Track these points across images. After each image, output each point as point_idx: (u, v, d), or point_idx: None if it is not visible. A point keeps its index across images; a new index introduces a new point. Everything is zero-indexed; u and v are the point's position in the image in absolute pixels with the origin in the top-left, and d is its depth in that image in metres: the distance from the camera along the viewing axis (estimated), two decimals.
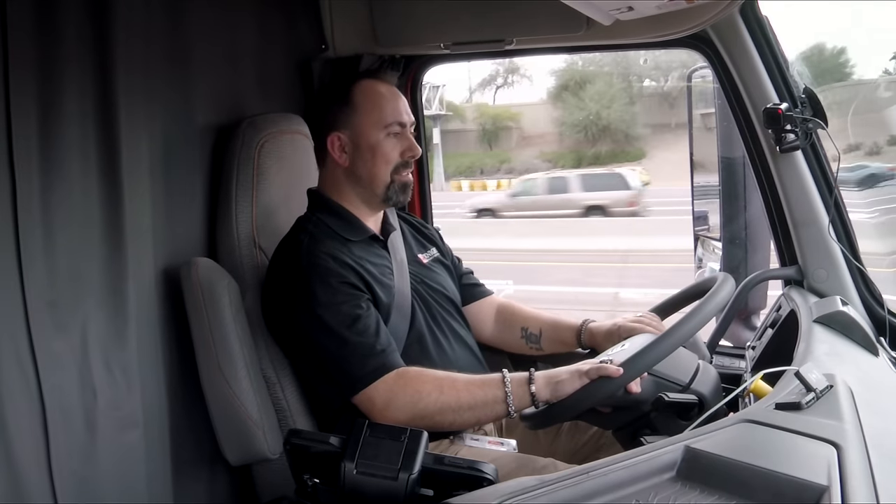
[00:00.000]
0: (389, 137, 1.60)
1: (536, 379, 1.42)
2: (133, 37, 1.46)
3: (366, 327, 1.47)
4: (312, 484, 1.13)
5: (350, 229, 1.61)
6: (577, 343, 1.74)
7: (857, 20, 12.76)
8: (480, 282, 1.88)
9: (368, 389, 1.44)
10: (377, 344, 1.46)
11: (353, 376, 1.45)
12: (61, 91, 1.32)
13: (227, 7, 1.79)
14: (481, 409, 1.44)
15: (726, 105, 1.80)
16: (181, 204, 1.64)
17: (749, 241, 2.07)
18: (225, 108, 1.78)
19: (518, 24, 1.89)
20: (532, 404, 1.43)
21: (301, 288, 1.49)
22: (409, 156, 1.62)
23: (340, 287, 1.49)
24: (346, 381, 1.47)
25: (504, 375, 1.44)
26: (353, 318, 1.47)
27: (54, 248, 1.30)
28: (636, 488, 0.89)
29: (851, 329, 1.50)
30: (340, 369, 1.47)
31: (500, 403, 1.43)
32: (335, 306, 1.47)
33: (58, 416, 1.28)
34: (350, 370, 1.46)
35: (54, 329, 1.30)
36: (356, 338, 1.46)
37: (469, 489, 1.04)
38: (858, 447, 0.94)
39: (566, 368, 1.43)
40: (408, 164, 1.63)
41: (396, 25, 2.03)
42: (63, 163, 1.32)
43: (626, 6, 1.53)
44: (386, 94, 1.63)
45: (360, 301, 1.50)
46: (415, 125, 1.68)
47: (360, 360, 1.45)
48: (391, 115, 1.60)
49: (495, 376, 1.45)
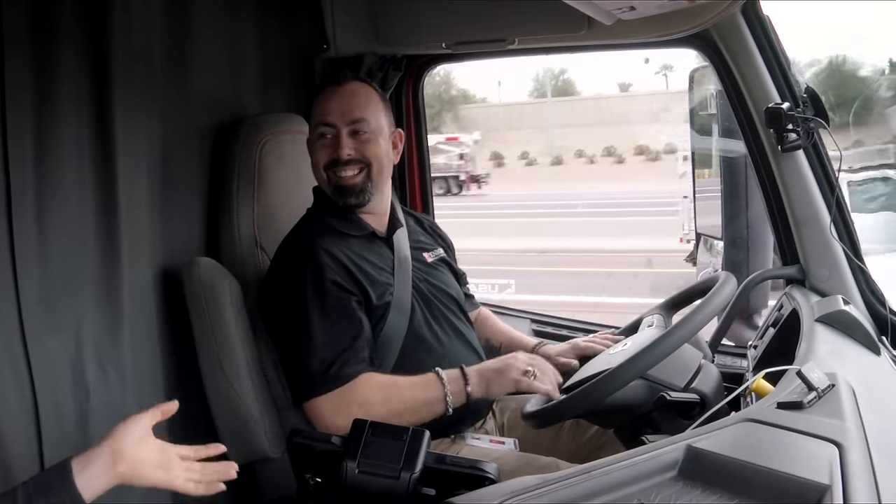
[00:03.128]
0: (322, 139, 1.59)
1: (470, 376, 1.47)
2: (132, 35, 1.46)
3: (339, 334, 1.48)
4: (314, 483, 1.13)
5: (349, 226, 1.61)
6: None
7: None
8: (472, 293, 1.90)
9: (317, 400, 1.47)
10: (341, 354, 1.47)
11: (305, 384, 1.48)
12: (57, 88, 1.32)
13: (228, 6, 1.79)
14: (425, 409, 1.47)
15: (727, 104, 1.80)
16: (180, 204, 1.64)
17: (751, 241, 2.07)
18: (225, 107, 1.78)
19: (519, 24, 1.89)
20: (466, 402, 1.47)
21: (294, 283, 1.51)
22: (337, 156, 1.57)
23: (328, 287, 1.50)
24: (299, 387, 1.50)
25: (439, 374, 1.48)
26: (329, 324, 1.48)
27: (48, 248, 1.30)
28: (638, 487, 0.89)
29: (853, 328, 1.49)
30: (298, 374, 1.50)
31: (440, 402, 1.46)
32: (319, 305, 1.49)
33: (51, 414, 1.28)
34: (304, 378, 1.48)
35: (48, 328, 1.29)
36: (323, 346, 1.47)
37: (471, 488, 1.04)
38: (860, 446, 0.94)
39: (495, 367, 1.48)
40: (337, 164, 1.57)
41: (398, 25, 2.03)
42: (58, 162, 1.32)
43: (627, 6, 1.53)
44: (325, 96, 1.62)
45: (345, 303, 1.51)
46: (360, 122, 1.58)
47: (317, 372, 1.46)
48: (318, 116, 1.60)
49: (431, 376, 1.48)
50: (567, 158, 23.78)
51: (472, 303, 1.89)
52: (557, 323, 2.20)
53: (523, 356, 1.50)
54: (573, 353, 1.68)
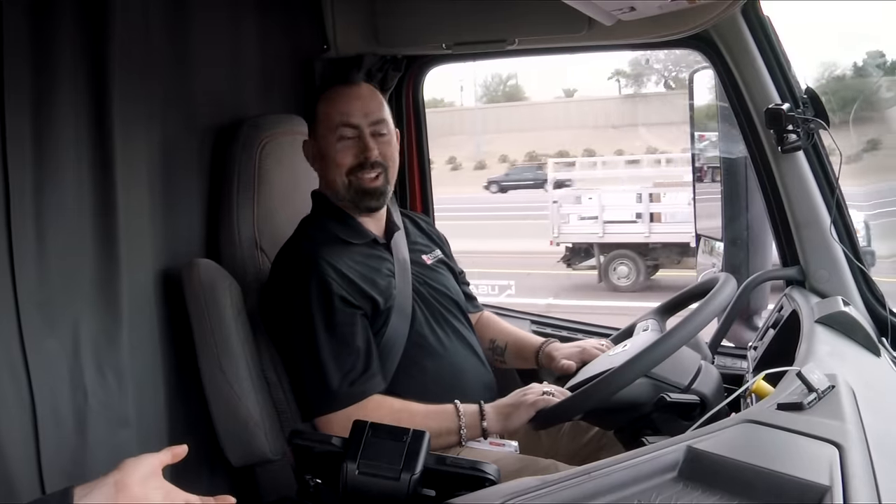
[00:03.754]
0: (343, 140, 1.57)
1: (487, 413, 1.47)
2: (131, 36, 1.45)
3: (348, 350, 1.48)
4: (314, 484, 1.13)
5: (351, 233, 1.61)
6: (536, 361, 1.76)
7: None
8: (474, 295, 1.90)
9: (329, 416, 1.47)
10: (352, 371, 1.47)
11: (318, 400, 1.48)
12: (56, 89, 1.32)
13: (228, 6, 1.78)
14: (435, 439, 1.45)
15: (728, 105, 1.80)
16: (179, 205, 1.63)
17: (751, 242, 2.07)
18: (225, 108, 1.77)
19: (520, 25, 1.89)
20: (482, 436, 1.47)
21: (299, 297, 1.50)
22: (364, 158, 1.56)
23: (336, 303, 1.49)
24: (312, 402, 1.50)
25: (457, 407, 1.48)
26: (337, 339, 1.48)
27: (46, 249, 1.30)
28: (638, 489, 0.89)
29: (853, 329, 1.49)
30: (310, 390, 1.50)
31: (454, 434, 1.46)
32: (326, 321, 1.48)
33: (48, 416, 1.27)
34: (316, 394, 1.48)
35: (46, 329, 1.29)
36: (334, 362, 1.47)
37: (471, 490, 1.04)
38: (860, 447, 0.94)
39: (510, 402, 1.49)
40: (364, 166, 1.57)
41: (398, 25, 2.03)
42: (57, 164, 1.32)
43: (627, 6, 1.53)
44: (341, 97, 1.59)
45: (352, 318, 1.50)
46: (382, 122, 1.60)
47: (328, 388, 1.46)
48: (339, 117, 1.57)
49: (449, 407, 1.48)
50: (490, 163, 24.46)
51: (475, 305, 1.88)
52: (556, 324, 2.20)
53: (537, 386, 1.51)
54: (580, 357, 1.67)
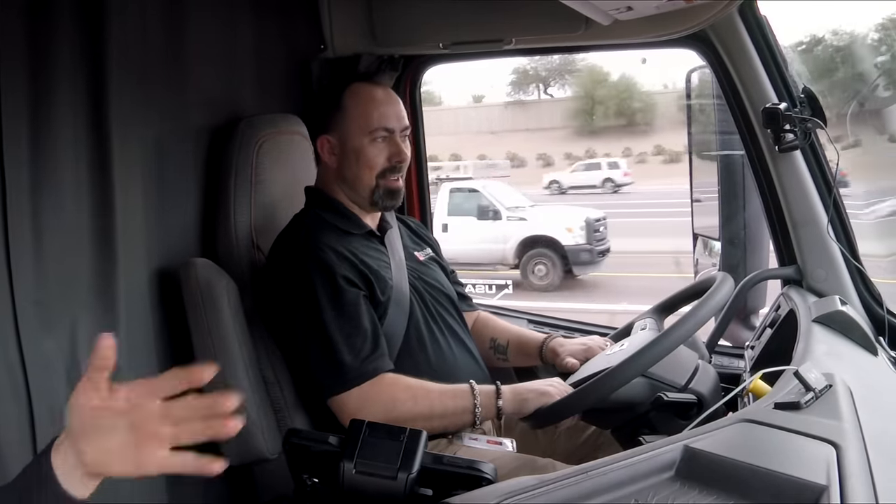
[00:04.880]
0: (376, 142, 1.59)
1: (504, 393, 1.48)
2: (128, 36, 1.45)
3: (356, 329, 1.48)
4: (311, 484, 1.12)
5: (348, 223, 1.62)
6: (539, 358, 1.77)
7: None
8: (468, 295, 1.90)
9: (342, 395, 1.47)
10: (362, 349, 1.47)
11: (330, 380, 1.48)
12: (53, 90, 1.31)
13: (225, 7, 1.78)
14: (450, 418, 1.48)
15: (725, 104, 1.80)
16: (176, 205, 1.63)
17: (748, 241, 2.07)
18: (222, 108, 1.77)
19: (517, 24, 1.89)
20: (496, 416, 1.48)
21: (301, 282, 1.50)
22: (396, 161, 1.60)
23: (340, 282, 1.50)
24: (324, 383, 1.49)
25: (473, 387, 1.48)
26: (345, 318, 1.48)
27: (44, 249, 1.29)
28: (635, 488, 0.89)
29: (850, 328, 1.50)
30: (321, 370, 1.49)
31: (469, 413, 1.47)
32: (332, 301, 1.48)
33: (45, 416, 1.27)
34: (328, 374, 1.48)
35: (43, 329, 1.29)
36: (343, 340, 1.47)
37: (468, 489, 1.04)
38: (857, 447, 0.94)
39: (532, 388, 1.49)
40: (395, 169, 1.61)
41: (395, 25, 2.02)
42: (54, 163, 1.31)
43: (624, 6, 1.53)
44: (376, 99, 1.61)
45: (357, 298, 1.51)
46: (409, 128, 1.66)
47: (340, 366, 1.46)
48: (377, 120, 1.59)
49: (465, 387, 1.49)
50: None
51: (469, 304, 1.89)
52: (554, 324, 2.20)
53: (561, 382, 1.53)
54: (584, 356, 1.67)
